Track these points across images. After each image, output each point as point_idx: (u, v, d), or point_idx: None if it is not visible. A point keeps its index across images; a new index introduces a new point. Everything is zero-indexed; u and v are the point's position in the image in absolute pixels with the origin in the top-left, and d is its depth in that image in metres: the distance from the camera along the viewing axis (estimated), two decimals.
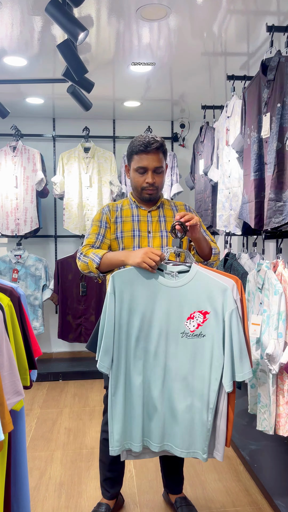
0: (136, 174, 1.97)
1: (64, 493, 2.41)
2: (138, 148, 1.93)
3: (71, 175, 4.20)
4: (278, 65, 2.21)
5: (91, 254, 1.90)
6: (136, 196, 2.05)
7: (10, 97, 3.89)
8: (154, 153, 1.92)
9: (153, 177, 1.94)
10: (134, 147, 1.95)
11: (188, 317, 1.70)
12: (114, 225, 2.01)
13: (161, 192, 2.09)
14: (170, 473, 2.22)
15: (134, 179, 1.99)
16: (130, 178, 2.03)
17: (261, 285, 2.39)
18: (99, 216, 2.03)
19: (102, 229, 1.99)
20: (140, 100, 4.06)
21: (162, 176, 1.99)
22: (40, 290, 4.27)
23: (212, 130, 3.52)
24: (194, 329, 1.70)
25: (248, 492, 2.40)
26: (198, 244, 1.89)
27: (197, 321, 1.70)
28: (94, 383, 4.15)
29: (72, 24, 2.08)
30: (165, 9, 2.40)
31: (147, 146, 1.90)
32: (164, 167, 1.99)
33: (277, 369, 2.20)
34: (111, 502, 2.17)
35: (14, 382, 1.47)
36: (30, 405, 3.62)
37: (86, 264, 1.90)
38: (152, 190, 1.96)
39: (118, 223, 2.01)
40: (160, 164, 1.94)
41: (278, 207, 2.21)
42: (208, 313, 1.68)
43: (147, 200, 2.01)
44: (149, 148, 1.90)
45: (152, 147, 1.90)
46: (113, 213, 2.03)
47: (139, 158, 1.93)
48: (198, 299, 1.69)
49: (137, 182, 1.97)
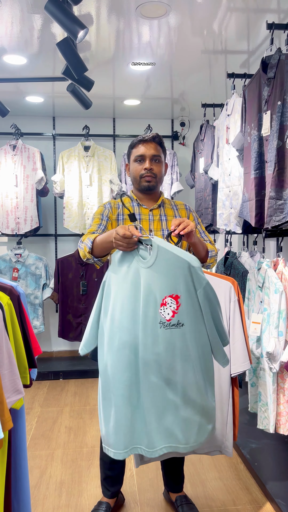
0: (135, 164, 2.01)
1: (65, 491, 2.41)
2: (135, 141, 2.01)
3: (71, 173, 4.20)
4: (278, 63, 2.21)
5: (85, 239, 1.89)
6: (136, 188, 2.05)
7: (10, 95, 3.88)
8: (151, 142, 1.98)
9: (150, 163, 1.97)
10: (132, 143, 2.03)
11: (161, 303, 1.54)
12: (116, 222, 2.01)
13: (161, 190, 2.09)
14: (171, 472, 2.22)
15: (133, 169, 2.02)
16: (130, 172, 2.05)
17: (261, 284, 2.39)
18: (101, 210, 2.03)
19: (104, 221, 2.00)
20: (140, 99, 4.05)
21: (160, 166, 2.00)
22: (40, 289, 4.27)
23: (212, 128, 3.51)
24: (170, 317, 1.54)
25: (248, 490, 2.40)
26: (194, 247, 1.91)
27: (170, 307, 1.54)
28: (94, 381, 4.14)
29: (72, 22, 2.08)
30: (164, 7, 2.40)
31: (143, 137, 1.99)
32: (162, 157, 2.01)
33: (278, 368, 2.19)
34: (112, 501, 2.17)
35: (14, 381, 1.47)
36: (30, 404, 3.62)
37: (82, 250, 1.90)
38: (150, 177, 1.98)
39: (120, 220, 2.01)
40: (157, 153, 1.99)
41: (278, 205, 2.20)
42: (179, 297, 1.53)
43: (146, 189, 2.00)
44: (146, 138, 1.98)
45: (148, 137, 1.99)
46: (115, 210, 2.03)
47: (136, 149, 2.00)
48: (166, 281, 1.54)
49: (136, 171, 2.00)
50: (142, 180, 1.99)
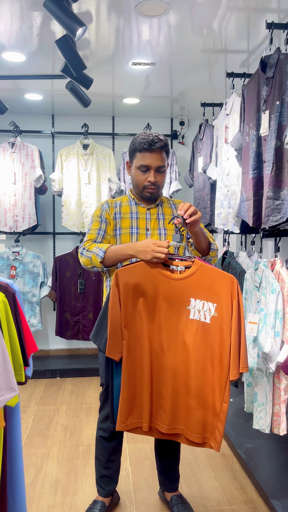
0: (138, 172, 1.95)
1: (60, 490, 2.41)
2: (142, 146, 1.91)
3: (69, 172, 4.19)
4: (277, 62, 2.20)
5: (94, 248, 1.89)
6: (136, 193, 2.04)
7: (8, 93, 3.87)
8: (158, 152, 1.91)
9: (155, 176, 1.93)
10: (137, 144, 1.93)
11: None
12: (113, 221, 2.00)
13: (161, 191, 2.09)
14: (166, 470, 2.22)
15: (136, 176, 1.98)
16: (131, 175, 2.02)
17: (258, 284, 2.39)
18: (99, 211, 2.02)
19: (103, 224, 1.99)
20: (139, 97, 4.05)
21: (164, 175, 1.99)
22: (38, 287, 4.26)
23: (211, 128, 3.50)
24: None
25: (244, 490, 2.40)
26: (196, 238, 1.88)
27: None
28: (91, 380, 4.14)
29: (71, 20, 2.07)
30: (164, 5, 2.39)
31: (151, 145, 1.89)
32: (166, 166, 1.99)
33: (274, 368, 2.19)
34: (107, 500, 2.17)
35: (8, 378, 1.47)
36: (27, 402, 3.62)
37: (89, 259, 1.89)
38: (153, 189, 1.96)
39: (117, 219, 2.00)
40: (163, 163, 1.94)
41: (276, 206, 2.20)
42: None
43: (148, 198, 2.00)
44: (153, 147, 1.89)
45: (156, 146, 1.89)
46: (112, 209, 2.02)
47: (142, 156, 1.92)
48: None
49: (139, 180, 1.96)
50: (145, 191, 1.97)
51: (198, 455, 2.77)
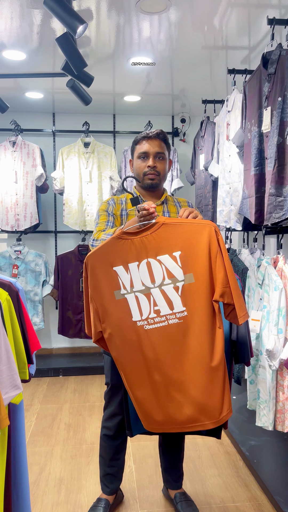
0: (138, 161, 2.00)
1: (64, 488, 2.41)
2: (139, 137, 2.00)
3: (71, 170, 4.19)
4: (279, 58, 2.19)
5: (102, 235, 1.87)
6: (140, 188, 2.04)
7: (9, 91, 3.86)
8: (155, 139, 1.98)
9: (154, 161, 1.97)
10: (136, 139, 2.03)
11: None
12: (120, 218, 2.00)
13: (164, 187, 2.09)
14: (170, 467, 2.22)
15: (137, 165, 2.01)
16: (134, 169, 2.04)
17: (261, 281, 2.38)
18: (106, 206, 2.03)
19: (111, 217, 1.99)
20: (140, 95, 4.04)
21: (164, 163, 2.00)
22: (40, 285, 4.26)
23: (212, 125, 3.49)
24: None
25: (247, 487, 2.40)
26: None
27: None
28: (94, 378, 4.15)
29: (71, 17, 2.06)
30: (164, 2, 2.38)
31: (148, 134, 1.98)
32: (166, 154, 2.01)
33: (277, 365, 2.19)
34: (111, 498, 2.17)
35: (12, 376, 1.47)
36: (30, 400, 3.62)
37: None
38: (153, 175, 1.97)
39: (124, 216, 2.01)
40: (162, 150, 1.98)
41: (278, 202, 2.19)
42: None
43: (149, 186, 1.99)
44: (150, 135, 1.98)
45: (153, 133, 1.98)
46: (119, 206, 2.03)
47: (140, 146, 1.99)
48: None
49: (139, 168, 2.00)
50: (145, 178, 1.99)
51: (201, 453, 2.77)
